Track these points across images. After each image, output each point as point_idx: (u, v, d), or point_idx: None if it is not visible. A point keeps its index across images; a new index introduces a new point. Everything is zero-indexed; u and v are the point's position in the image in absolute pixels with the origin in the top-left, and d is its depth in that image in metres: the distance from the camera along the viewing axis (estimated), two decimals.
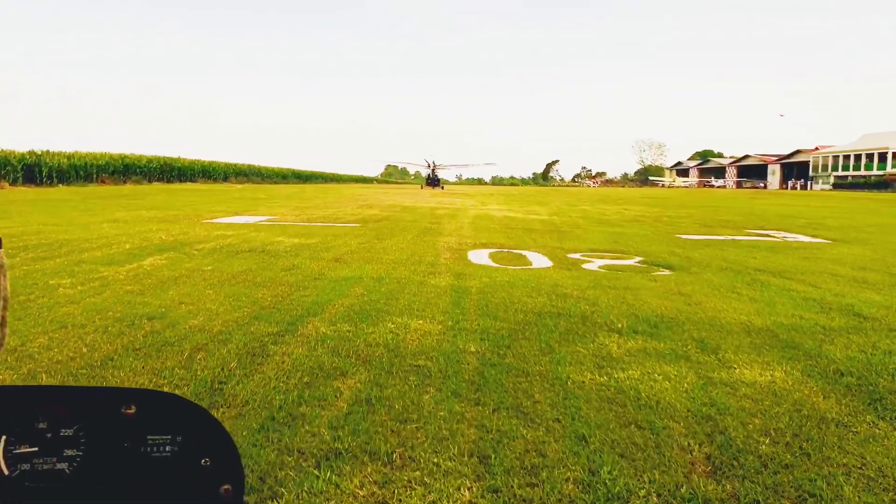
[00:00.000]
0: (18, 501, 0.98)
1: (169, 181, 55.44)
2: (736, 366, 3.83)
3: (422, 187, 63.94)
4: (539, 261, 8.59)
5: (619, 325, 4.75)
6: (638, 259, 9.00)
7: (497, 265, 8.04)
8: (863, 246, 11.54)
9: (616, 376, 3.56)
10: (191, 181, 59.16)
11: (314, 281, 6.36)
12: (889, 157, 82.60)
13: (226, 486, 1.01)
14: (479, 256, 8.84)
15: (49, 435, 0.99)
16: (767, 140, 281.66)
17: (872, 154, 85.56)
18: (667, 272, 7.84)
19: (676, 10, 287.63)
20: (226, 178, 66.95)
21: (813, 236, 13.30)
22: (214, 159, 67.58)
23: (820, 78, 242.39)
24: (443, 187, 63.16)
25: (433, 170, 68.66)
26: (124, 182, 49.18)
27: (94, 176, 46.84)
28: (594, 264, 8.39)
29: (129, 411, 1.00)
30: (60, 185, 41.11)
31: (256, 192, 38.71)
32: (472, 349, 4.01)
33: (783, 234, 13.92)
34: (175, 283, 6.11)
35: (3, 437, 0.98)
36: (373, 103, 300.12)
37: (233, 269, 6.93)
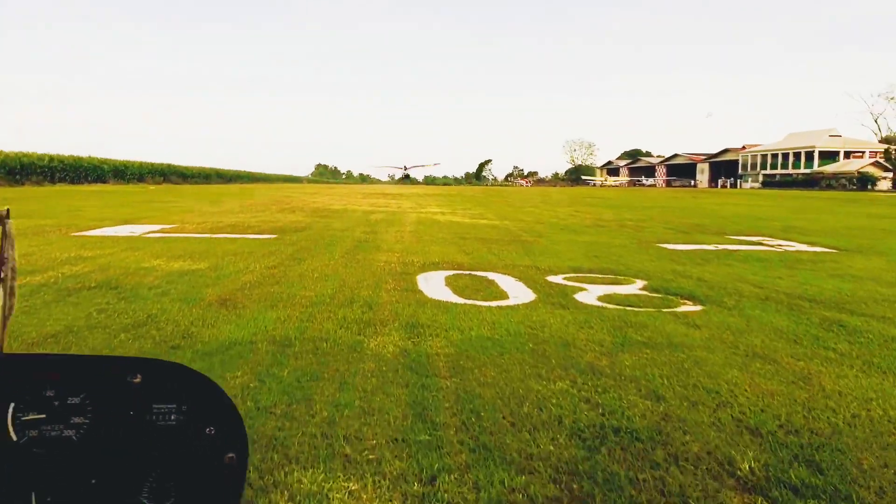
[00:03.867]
0: (27, 467, 0.98)
1: (76, 182, 50.47)
2: None
3: (398, 182, 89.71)
4: (516, 290, 6.23)
5: (745, 467, 2.40)
6: (641, 284, 6.77)
7: (462, 300, 5.64)
8: (879, 257, 9.77)
9: None
10: (102, 182, 54.14)
11: (168, 354, 3.74)
12: (815, 155, 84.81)
13: (230, 455, 1.00)
14: (434, 285, 6.41)
15: (56, 403, 0.99)
16: (695, 139, 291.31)
17: (799, 153, 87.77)
18: (693, 306, 5.67)
19: (600, 9, 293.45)
20: (141, 179, 61.87)
21: (809, 244, 11.52)
22: (129, 158, 62.52)
23: (745, 76, 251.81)
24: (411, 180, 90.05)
25: (406, 169, 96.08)
26: (21, 183, 44.12)
27: None
28: (590, 294, 6.11)
29: (135, 380, 1.01)
30: None
31: (169, 193, 34.95)
32: None
33: (775, 241, 12.07)
34: None
35: (12, 405, 0.99)
36: (308, 105, 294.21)
37: (41, 330, 4.20)
